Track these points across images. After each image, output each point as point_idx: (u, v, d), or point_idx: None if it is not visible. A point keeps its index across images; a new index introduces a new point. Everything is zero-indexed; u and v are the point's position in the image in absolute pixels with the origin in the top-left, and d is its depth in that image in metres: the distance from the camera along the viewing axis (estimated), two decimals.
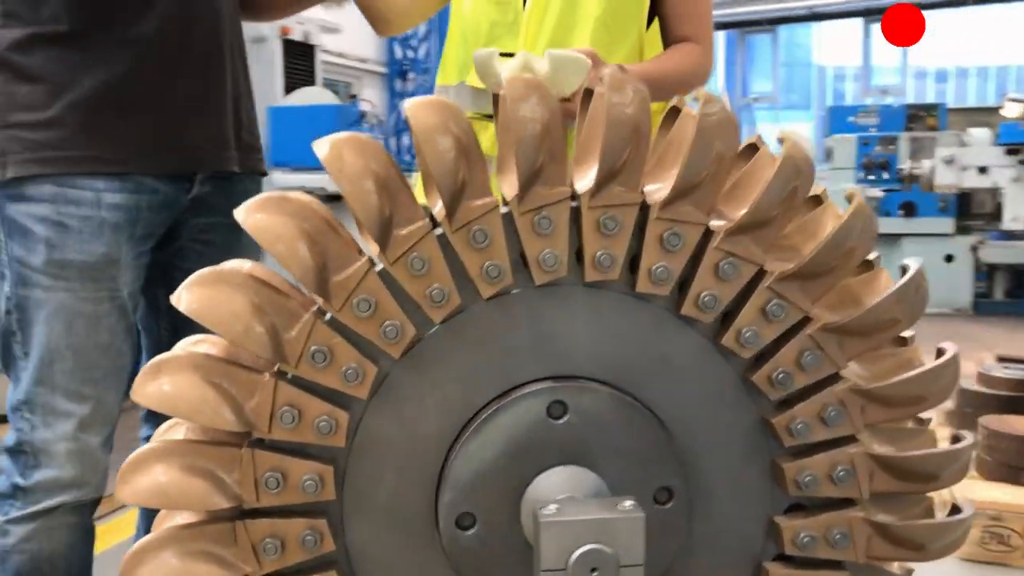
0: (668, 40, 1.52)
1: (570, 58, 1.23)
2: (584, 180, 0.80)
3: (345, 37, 8.37)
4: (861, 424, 0.83)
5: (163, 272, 1.37)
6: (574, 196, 0.81)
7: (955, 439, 0.90)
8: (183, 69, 1.32)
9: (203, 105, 1.35)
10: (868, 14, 17.39)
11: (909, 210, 6.71)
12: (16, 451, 1.21)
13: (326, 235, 0.77)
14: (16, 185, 1.20)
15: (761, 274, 0.81)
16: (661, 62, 1.47)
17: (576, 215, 0.80)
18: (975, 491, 1.92)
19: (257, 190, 1.46)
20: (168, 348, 0.82)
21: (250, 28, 7.22)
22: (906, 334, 0.90)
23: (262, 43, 6.68)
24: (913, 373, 0.84)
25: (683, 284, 0.82)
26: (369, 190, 0.76)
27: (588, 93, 0.87)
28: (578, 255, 0.81)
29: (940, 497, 0.90)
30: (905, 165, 5.97)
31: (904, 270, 0.85)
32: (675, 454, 0.82)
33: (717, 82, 19.98)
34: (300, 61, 6.76)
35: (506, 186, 0.81)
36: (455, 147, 0.77)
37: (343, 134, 0.77)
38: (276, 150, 6.01)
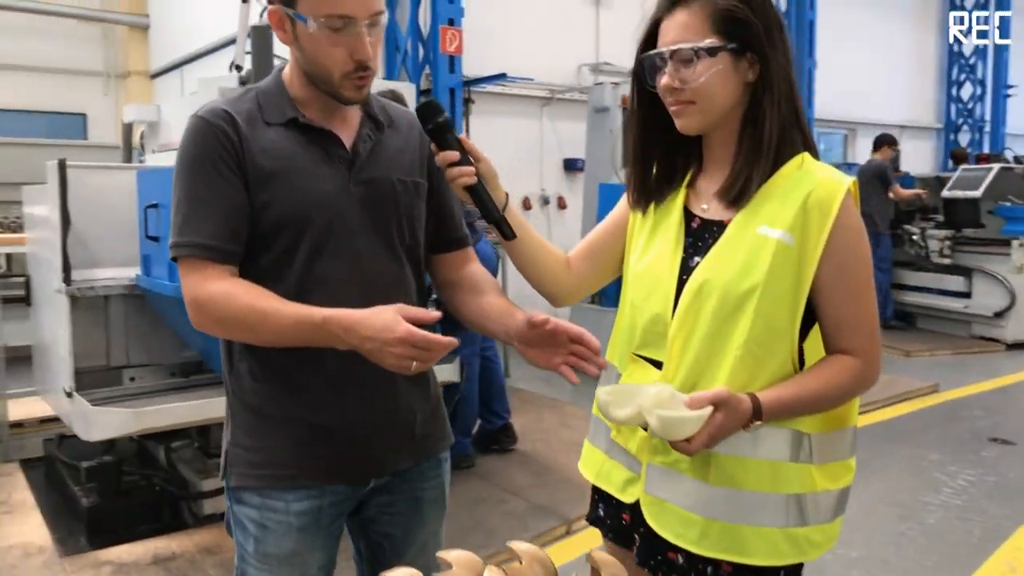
0: (827, 348, 1.37)
1: (680, 420, 1.23)
2: None
3: None
4: None
5: (360, 529, 1.60)
6: None
7: None
8: (365, 392, 1.47)
9: (382, 422, 1.50)
10: None
11: None
12: None
13: None
14: (238, 491, 1.48)
15: None
16: (812, 380, 1.32)
17: None
18: None
19: (435, 469, 1.62)
20: None
21: (595, 97, 7.46)
22: None
23: (604, 113, 6.95)
24: None
25: None
26: None
27: None
28: None
29: None
30: None
31: None
32: None
33: None
34: None
35: None
36: None
37: (455, 553, 0.83)
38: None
